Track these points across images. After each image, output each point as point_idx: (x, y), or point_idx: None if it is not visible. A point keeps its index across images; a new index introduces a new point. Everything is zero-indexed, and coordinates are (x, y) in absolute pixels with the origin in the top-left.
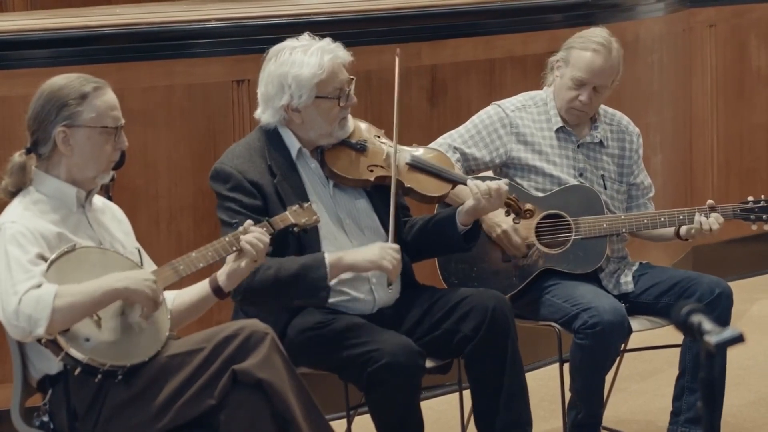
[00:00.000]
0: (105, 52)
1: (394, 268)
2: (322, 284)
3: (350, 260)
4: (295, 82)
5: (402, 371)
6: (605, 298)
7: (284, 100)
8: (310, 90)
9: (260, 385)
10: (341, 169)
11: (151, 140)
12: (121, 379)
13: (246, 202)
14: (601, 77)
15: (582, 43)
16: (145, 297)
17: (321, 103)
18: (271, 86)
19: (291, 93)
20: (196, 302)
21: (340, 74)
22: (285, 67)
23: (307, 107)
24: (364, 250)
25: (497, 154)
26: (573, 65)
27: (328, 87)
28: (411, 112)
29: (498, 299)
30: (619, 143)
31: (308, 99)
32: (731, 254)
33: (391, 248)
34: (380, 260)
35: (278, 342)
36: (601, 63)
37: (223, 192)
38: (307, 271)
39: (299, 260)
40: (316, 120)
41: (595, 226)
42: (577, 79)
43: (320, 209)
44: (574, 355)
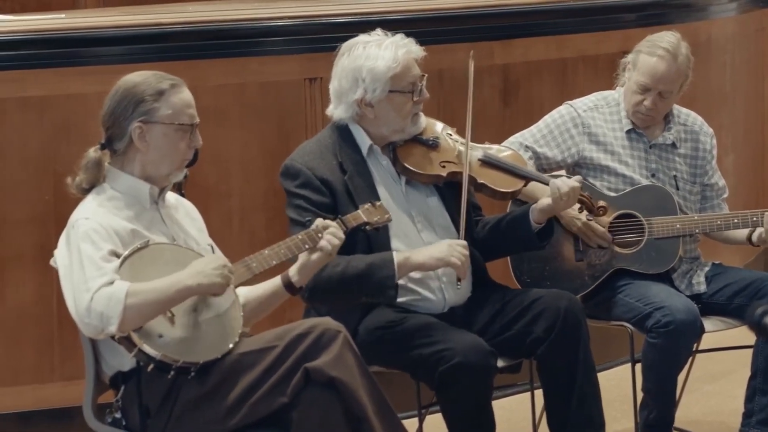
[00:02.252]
0: (177, 50)
1: (462, 264)
2: (390, 283)
3: (418, 259)
4: (369, 76)
5: (474, 371)
6: (678, 298)
7: (358, 95)
8: (384, 84)
9: (332, 384)
10: (413, 164)
11: (224, 138)
12: (193, 375)
13: (314, 200)
14: (664, 83)
15: (649, 47)
16: (219, 287)
17: (394, 98)
18: (345, 80)
19: (365, 87)
20: (268, 298)
21: (413, 69)
22: (359, 60)
23: (381, 101)
24: (431, 248)
25: (569, 154)
26: (639, 70)
27: (402, 81)
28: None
29: (570, 300)
30: (692, 144)
31: (382, 93)
32: None
33: (459, 244)
34: (448, 257)
35: (351, 340)
36: (665, 69)
37: (291, 189)
38: (374, 269)
39: (367, 259)
40: (389, 115)
41: (669, 227)
42: (641, 84)
43: (391, 206)
44: (646, 354)
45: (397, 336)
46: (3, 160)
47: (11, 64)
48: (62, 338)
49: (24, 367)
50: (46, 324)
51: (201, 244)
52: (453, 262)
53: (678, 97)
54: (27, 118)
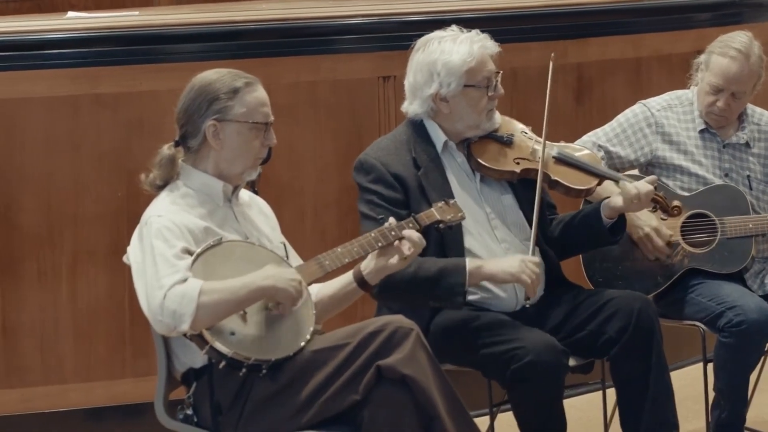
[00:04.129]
0: (251, 48)
1: (533, 282)
2: (459, 290)
3: (490, 270)
4: (444, 70)
5: (545, 369)
6: (751, 297)
7: (433, 89)
8: (459, 78)
9: (405, 381)
10: (488, 160)
11: (297, 136)
12: (265, 373)
13: (387, 195)
14: (737, 84)
15: (721, 48)
16: (289, 296)
17: (469, 92)
18: (420, 75)
19: (440, 81)
20: (341, 295)
21: (488, 64)
22: (434, 55)
23: (456, 96)
24: (504, 261)
25: (642, 153)
26: (711, 70)
27: (477, 76)
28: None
29: (643, 301)
30: (765, 144)
31: (457, 87)
32: None
33: (531, 261)
34: (520, 273)
35: (423, 338)
36: (737, 70)
37: (364, 184)
38: (445, 274)
39: (439, 263)
40: (464, 110)
41: (741, 226)
42: (713, 85)
43: (466, 203)
44: (718, 353)
45: (469, 334)
46: (77, 157)
47: (85, 61)
48: (134, 335)
49: (96, 364)
50: (119, 321)
51: (274, 242)
52: (524, 279)
53: (751, 97)
54: (100, 115)
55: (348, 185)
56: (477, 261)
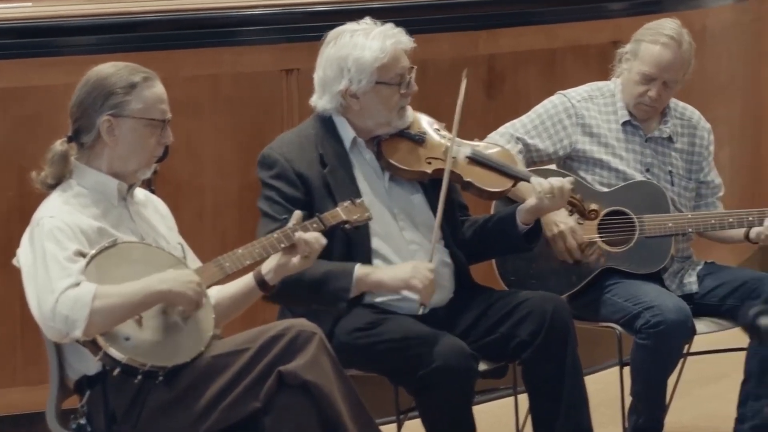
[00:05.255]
0: (149, 40)
1: (425, 287)
2: (343, 296)
3: (379, 277)
4: (355, 66)
5: (454, 375)
6: (669, 297)
7: (343, 85)
8: (370, 74)
9: (307, 388)
10: (398, 160)
11: (196, 132)
12: (162, 380)
13: (287, 193)
14: (670, 72)
15: (652, 35)
16: (188, 300)
17: (381, 90)
18: (330, 70)
19: (350, 77)
20: (240, 296)
21: (401, 60)
22: (345, 49)
23: (367, 93)
24: (395, 268)
25: (561, 146)
26: (641, 59)
27: (390, 73)
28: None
29: (557, 302)
30: (689, 138)
31: (368, 84)
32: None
33: (424, 267)
34: (410, 279)
35: (326, 342)
36: (671, 57)
37: (266, 179)
38: (331, 278)
39: (328, 266)
40: (375, 107)
41: (661, 225)
42: (645, 74)
43: (373, 203)
44: (635, 356)
45: (375, 338)
46: None
47: None
48: (25, 341)
49: None
50: (9, 326)
51: (171, 243)
52: (414, 284)
53: (680, 87)
54: None
55: (250, 183)
56: (368, 268)
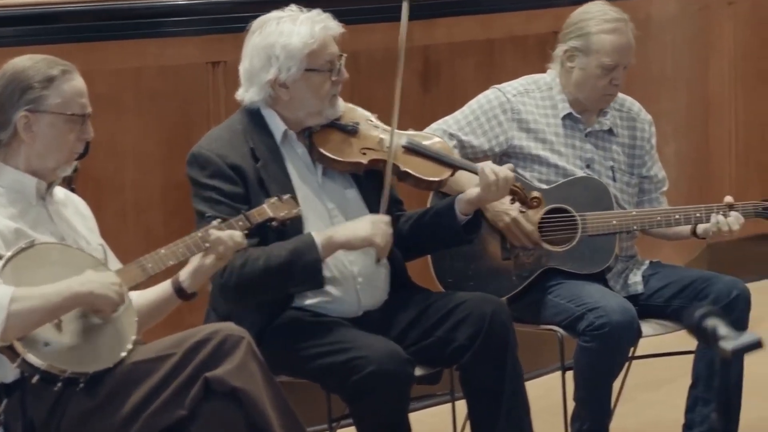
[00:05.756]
0: (69, 31)
1: (386, 243)
2: (317, 266)
3: (342, 238)
4: (283, 53)
5: (389, 380)
6: (613, 298)
7: (271, 74)
8: (300, 61)
9: (235, 394)
10: (331, 151)
11: (119, 127)
12: (83, 387)
13: (227, 190)
14: (629, 55)
15: (597, 26)
16: (110, 303)
17: (311, 77)
18: (257, 59)
19: (279, 65)
20: (158, 304)
21: (331, 46)
22: (272, 37)
23: (296, 81)
24: (354, 226)
25: (497, 142)
26: (598, 52)
27: (320, 59)
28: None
29: (496, 304)
30: (629, 131)
31: (298, 72)
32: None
33: (382, 222)
34: (372, 236)
35: (255, 347)
36: (626, 41)
37: (201, 180)
38: (298, 256)
39: (287, 245)
40: (305, 96)
41: (604, 223)
42: (606, 65)
43: (306, 198)
44: (578, 360)
45: (306, 342)
46: None
47: None
48: None
49: None
50: None
51: (92, 244)
52: (377, 242)
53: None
54: None
55: (175, 181)
56: (326, 232)
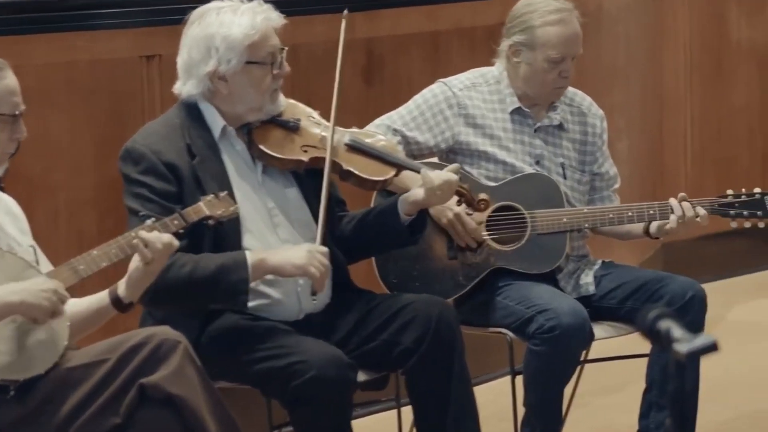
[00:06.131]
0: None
1: (322, 275)
2: (243, 287)
3: (275, 263)
4: (224, 44)
5: (331, 386)
6: (564, 300)
7: (210, 66)
8: (240, 53)
9: (171, 401)
10: (272, 148)
11: (50, 124)
12: (13, 395)
13: (158, 188)
14: (577, 45)
15: (540, 18)
16: (44, 311)
17: (252, 70)
18: (195, 51)
19: (218, 57)
20: (92, 315)
21: (272, 38)
22: (212, 28)
23: (236, 74)
24: (289, 252)
25: (443, 138)
26: (544, 45)
27: (261, 51)
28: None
29: (443, 306)
30: (580, 127)
31: (238, 64)
32: (706, 253)
33: (319, 252)
34: (307, 266)
35: (192, 352)
36: (572, 31)
37: (132, 175)
38: (225, 272)
39: (218, 259)
40: (245, 90)
41: (554, 221)
42: (553, 59)
43: (245, 197)
44: (528, 364)
45: (245, 346)
46: None
47: None
48: None
49: None
50: None
51: (23, 246)
52: (311, 272)
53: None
54: None
55: (109, 179)
56: (259, 253)
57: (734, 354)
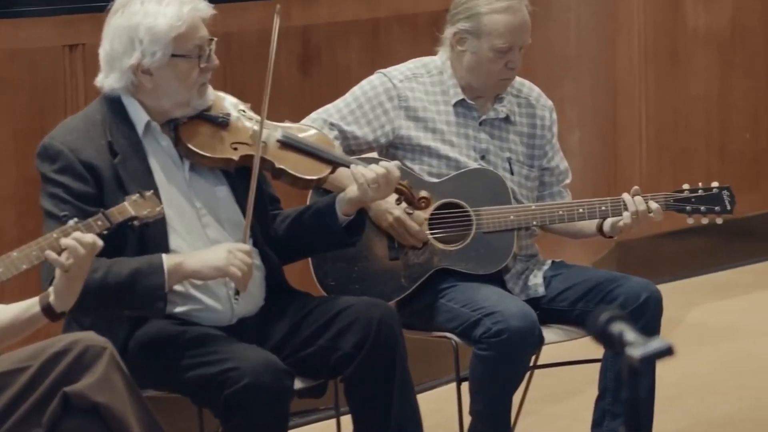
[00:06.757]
0: None
1: (244, 275)
2: (159, 293)
3: (192, 266)
4: (148, 36)
5: (266, 394)
6: (512, 302)
7: (134, 59)
8: (165, 46)
9: (97, 411)
10: (199, 146)
11: None
12: None
13: (75, 189)
14: (524, 34)
15: (487, 5)
16: None
17: (178, 63)
18: (118, 42)
19: (142, 50)
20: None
21: (200, 29)
22: (136, 18)
23: (161, 68)
24: (208, 254)
25: (383, 132)
26: (490, 34)
27: (188, 43)
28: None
29: (384, 310)
30: (528, 119)
31: (163, 57)
32: (662, 252)
33: (240, 250)
34: (227, 266)
35: (118, 358)
36: (520, 20)
37: (48, 174)
38: (140, 277)
39: (132, 263)
40: (170, 84)
41: (500, 219)
42: (499, 49)
43: (172, 197)
44: (474, 370)
45: (175, 353)
46: None
47: None
48: None
49: None
50: None
51: None
52: (232, 272)
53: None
54: None
55: (30, 176)
56: (177, 257)
57: (692, 358)
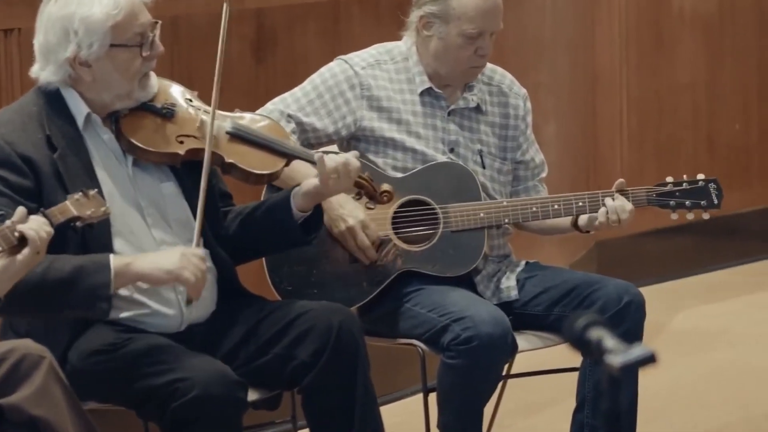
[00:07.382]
0: None
1: (198, 281)
2: (103, 293)
3: (142, 268)
4: (83, 27)
5: (217, 406)
6: (483, 306)
7: (70, 52)
8: (103, 36)
9: (33, 424)
10: (143, 140)
11: None
12: None
13: (13, 182)
14: (496, 19)
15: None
16: None
17: (117, 54)
18: (52, 34)
19: (78, 41)
20: None
21: (140, 15)
22: (70, 7)
23: (100, 59)
24: (160, 256)
25: (344, 124)
26: (459, 18)
27: (127, 32)
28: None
29: (345, 316)
30: (500, 108)
31: (101, 48)
32: (645, 252)
33: (194, 254)
34: (180, 270)
35: (58, 368)
36: (492, 3)
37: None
38: (84, 274)
39: (76, 260)
40: (111, 76)
41: (470, 216)
42: (470, 34)
43: (115, 195)
44: (443, 380)
45: (119, 363)
46: None
47: None
48: None
49: None
50: None
51: None
52: (185, 277)
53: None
54: None
55: None
56: (126, 257)
57: (677, 366)
